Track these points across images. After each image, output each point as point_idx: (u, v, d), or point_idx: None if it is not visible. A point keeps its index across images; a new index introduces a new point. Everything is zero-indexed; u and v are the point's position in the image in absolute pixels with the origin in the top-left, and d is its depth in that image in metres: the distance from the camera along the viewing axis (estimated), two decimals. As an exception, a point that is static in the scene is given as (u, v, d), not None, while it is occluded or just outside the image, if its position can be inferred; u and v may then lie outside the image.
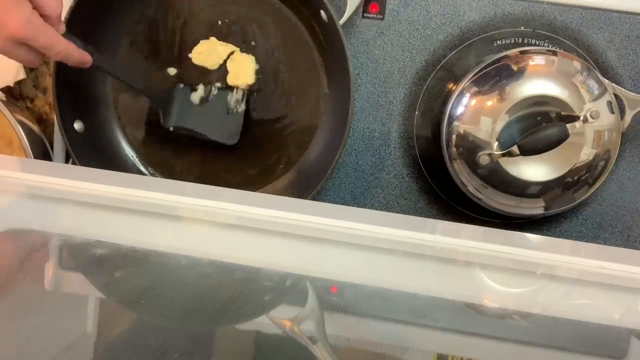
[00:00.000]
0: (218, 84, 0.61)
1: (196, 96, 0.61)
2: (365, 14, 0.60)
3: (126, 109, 0.63)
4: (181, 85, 0.61)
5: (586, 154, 0.53)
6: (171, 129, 0.60)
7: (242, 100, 0.60)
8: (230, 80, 0.61)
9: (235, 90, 0.61)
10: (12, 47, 0.46)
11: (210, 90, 0.61)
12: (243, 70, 0.61)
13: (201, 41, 0.61)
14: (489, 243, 0.46)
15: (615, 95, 0.54)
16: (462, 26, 0.60)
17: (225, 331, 0.33)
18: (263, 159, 0.63)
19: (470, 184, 0.56)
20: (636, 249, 0.60)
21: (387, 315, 0.37)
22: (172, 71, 0.62)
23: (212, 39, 0.61)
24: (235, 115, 0.61)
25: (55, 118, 0.58)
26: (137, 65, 0.61)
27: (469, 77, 0.54)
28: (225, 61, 0.61)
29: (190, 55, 0.61)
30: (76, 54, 0.50)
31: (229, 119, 0.61)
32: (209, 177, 0.63)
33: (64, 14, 0.57)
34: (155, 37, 0.61)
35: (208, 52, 0.61)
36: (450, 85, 0.59)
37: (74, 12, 0.55)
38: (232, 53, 0.61)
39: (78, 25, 0.55)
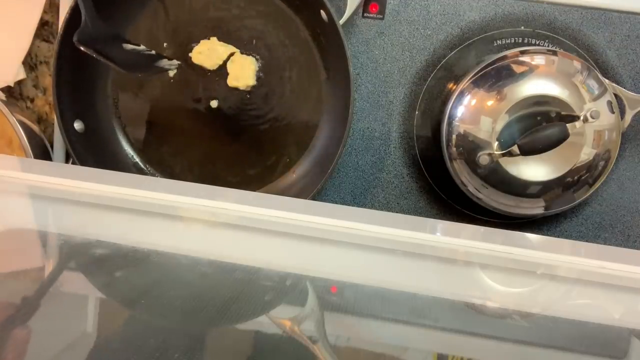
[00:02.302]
0: (152, 51, 0.60)
1: (129, 46, 0.59)
2: (365, 14, 0.60)
3: (126, 109, 0.63)
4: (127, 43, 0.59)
5: (586, 153, 0.53)
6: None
7: (174, 67, 0.60)
8: (231, 81, 0.61)
9: (171, 60, 0.61)
10: None
11: (148, 51, 0.60)
12: (243, 72, 0.61)
13: (202, 41, 0.61)
14: (489, 243, 0.46)
15: (616, 95, 0.54)
16: (462, 26, 0.60)
17: (225, 331, 0.33)
18: (263, 159, 0.63)
19: (470, 183, 0.56)
20: (636, 249, 0.60)
21: (387, 315, 0.37)
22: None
23: (213, 39, 0.61)
24: (158, 67, 0.60)
25: (55, 118, 0.58)
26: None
27: (469, 77, 0.54)
28: (225, 62, 0.61)
29: (190, 54, 0.61)
30: None
31: (150, 66, 0.60)
32: (209, 177, 0.63)
33: (65, 11, 0.57)
34: (155, 35, 0.61)
35: (208, 52, 0.61)
36: (451, 85, 0.59)
37: (74, 10, 0.55)
38: (232, 54, 0.61)
39: (78, 23, 0.55)
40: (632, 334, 0.39)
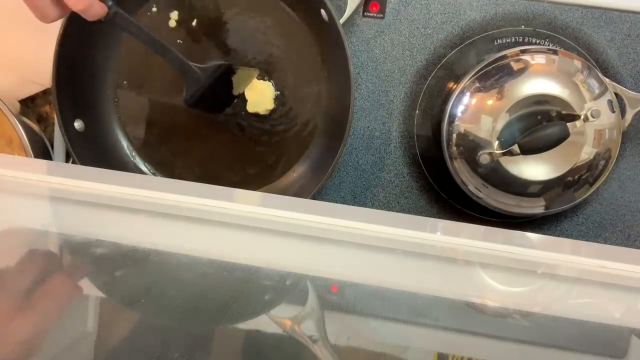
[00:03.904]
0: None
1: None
2: (365, 13, 0.60)
3: (126, 109, 0.63)
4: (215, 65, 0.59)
5: (587, 153, 0.53)
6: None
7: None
8: (250, 107, 0.61)
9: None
10: None
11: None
12: (262, 97, 0.61)
13: None
14: (490, 242, 0.46)
15: (616, 94, 0.54)
16: (462, 25, 0.60)
17: (225, 331, 0.33)
18: (263, 158, 0.63)
19: (470, 183, 0.56)
20: (637, 248, 0.60)
21: (388, 314, 0.37)
22: None
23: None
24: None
25: (55, 117, 0.58)
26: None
27: (470, 76, 0.54)
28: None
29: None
30: (97, 6, 0.49)
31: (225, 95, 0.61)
32: (209, 177, 0.63)
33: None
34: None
35: None
36: (451, 84, 0.59)
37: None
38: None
39: (79, 23, 0.55)
40: (632, 333, 0.39)
